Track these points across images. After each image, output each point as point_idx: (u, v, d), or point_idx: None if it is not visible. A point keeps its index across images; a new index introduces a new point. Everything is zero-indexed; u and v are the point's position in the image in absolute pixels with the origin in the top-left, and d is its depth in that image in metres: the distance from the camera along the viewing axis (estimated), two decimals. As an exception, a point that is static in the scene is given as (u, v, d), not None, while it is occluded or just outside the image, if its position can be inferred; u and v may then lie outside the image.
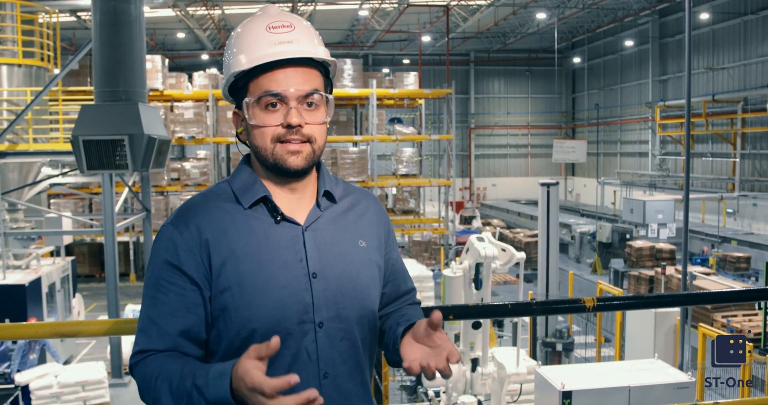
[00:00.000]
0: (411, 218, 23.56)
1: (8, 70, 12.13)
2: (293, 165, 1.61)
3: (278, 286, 1.57)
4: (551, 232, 10.58)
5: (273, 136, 1.60)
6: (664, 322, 9.00)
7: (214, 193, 1.67)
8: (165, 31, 31.38)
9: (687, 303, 8.20)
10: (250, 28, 1.64)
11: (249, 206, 1.63)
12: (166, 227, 1.62)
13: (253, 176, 1.67)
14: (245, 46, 1.62)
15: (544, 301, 2.64)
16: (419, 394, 8.99)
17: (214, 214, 1.62)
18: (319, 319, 1.61)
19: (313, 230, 1.66)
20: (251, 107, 1.61)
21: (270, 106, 1.60)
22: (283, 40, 1.60)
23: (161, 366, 1.52)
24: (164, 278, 1.58)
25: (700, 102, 26.44)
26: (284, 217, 1.64)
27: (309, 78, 1.62)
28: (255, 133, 1.62)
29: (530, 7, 29.19)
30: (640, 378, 4.65)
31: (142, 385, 1.53)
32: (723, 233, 21.39)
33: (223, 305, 1.57)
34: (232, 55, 1.63)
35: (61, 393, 8.72)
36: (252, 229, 1.61)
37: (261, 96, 1.59)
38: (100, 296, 16.24)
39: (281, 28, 1.61)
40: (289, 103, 1.60)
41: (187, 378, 1.45)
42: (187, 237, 1.59)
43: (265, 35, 1.61)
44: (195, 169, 21.08)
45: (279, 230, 1.63)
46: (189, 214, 1.62)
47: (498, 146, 42.53)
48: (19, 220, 12.57)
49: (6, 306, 10.73)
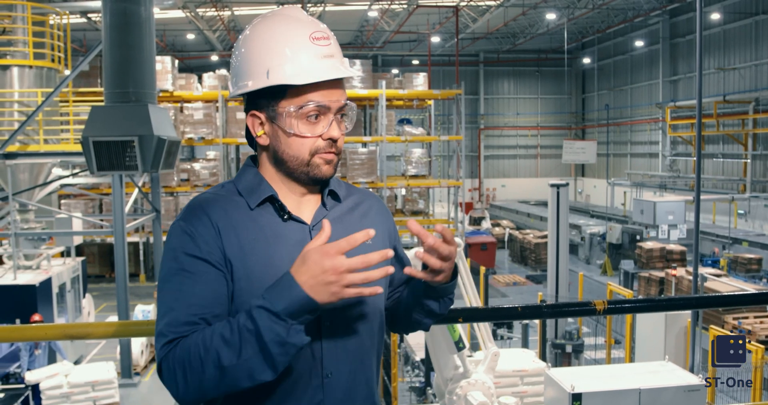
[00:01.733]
0: (420, 219, 23.52)
1: (19, 71, 12.19)
2: (327, 174, 1.64)
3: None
4: (561, 233, 10.54)
5: (312, 148, 1.61)
6: (674, 324, 8.95)
7: (221, 194, 1.66)
8: (175, 33, 31.48)
9: (699, 306, 8.16)
10: (291, 35, 1.59)
11: (256, 206, 1.63)
12: (178, 224, 1.61)
13: (258, 177, 1.67)
14: (290, 55, 1.58)
15: (554, 305, 2.63)
16: (428, 395, 8.98)
17: (223, 209, 1.61)
18: (325, 317, 1.60)
19: (320, 229, 1.65)
20: (290, 116, 1.59)
21: (312, 117, 1.59)
22: (327, 53, 1.59)
23: (199, 334, 1.47)
24: (185, 269, 1.54)
25: (711, 102, 26.31)
26: (291, 216, 1.64)
27: (343, 90, 1.63)
28: (291, 143, 1.61)
29: (540, 8, 29.13)
30: (651, 380, 4.61)
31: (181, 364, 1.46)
32: (734, 234, 21.26)
33: (235, 303, 1.56)
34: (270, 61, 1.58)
35: (71, 393, 8.75)
36: (260, 227, 1.61)
37: (303, 106, 1.58)
38: (110, 296, 16.30)
39: (323, 39, 1.60)
40: (329, 115, 1.60)
41: (240, 318, 1.44)
42: (201, 229, 1.57)
43: (311, 47, 1.58)
44: (204, 170, 21.14)
45: (286, 229, 1.63)
46: (199, 209, 1.61)
47: (507, 147, 42.46)
48: (29, 221, 12.62)
49: (17, 306, 10.78)
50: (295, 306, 1.41)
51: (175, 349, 1.48)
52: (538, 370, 6.71)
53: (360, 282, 1.43)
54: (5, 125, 12.18)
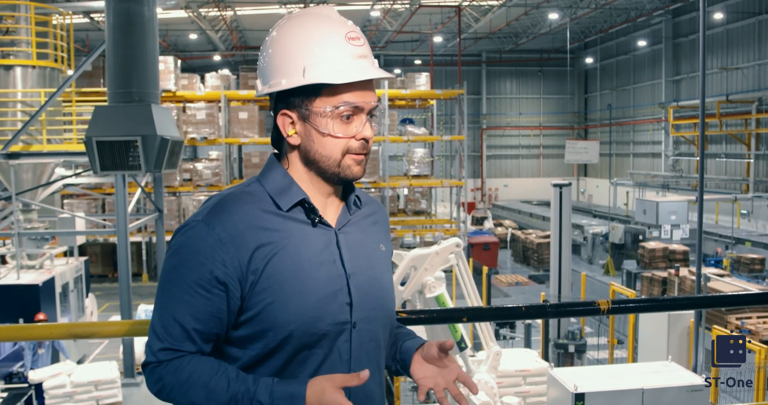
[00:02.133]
0: (422, 219, 23.55)
1: (22, 71, 12.19)
2: (358, 174, 1.64)
3: (316, 287, 1.57)
4: (563, 233, 10.53)
5: (345, 148, 1.61)
6: (677, 324, 8.93)
7: (248, 193, 1.63)
8: (177, 33, 31.51)
9: (703, 306, 8.15)
10: (329, 34, 1.58)
11: (288, 209, 1.62)
12: (198, 224, 1.57)
13: (288, 178, 1.65)
14: (327, 54, 1.57)
15: (558, 304, 2.63)
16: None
17: (251, 215, 1.58)
18: (354, 319, 1.62)
19: (345, 233, 1.68)
20: (325, 116, 1.58)
21: (345, 117, 1.59)
22: (361, 54, 1.59)
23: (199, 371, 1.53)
24: (191, 279, 1.53)
25: (714, 102, 26.28)
26: (321, 219, 1.64)
27: (374, 90, 1.63)
28: (325, 143, 1.60)
29: (542, 8, 29.12)
30: (654, 380, 4.62)
31: (172, 388, 1.54)
32: (737, 234, 21.24)
33: (262, 306, 1.55)
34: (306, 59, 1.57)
35: (74, 392, 8.75)
36: (290, 230, 1.60)
37: (339, 106, 1.57)
38: (113, 296, 16.35)
39: (357, 39, 1.59)
40: (363, 116, 1.61)
41: (239, 389, 1.50)
42: (225, 239, 1.54)
43: (347, 46, 1.58)
44: (207, 170, 21.15)
45: (315, 232, 1.63)
46: (225, 214, 1.57)
47: (510, 147, 42.44)
48: (32, 221, 12.63)
49: (20, 306, 10.79)
50: None
51: (169, 367, 1.55)
52: (540, 370, 6.72)
53: None
54: (8, 125, 12.19)
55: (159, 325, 1.55)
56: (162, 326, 1.55)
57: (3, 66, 12.14)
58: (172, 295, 1.55)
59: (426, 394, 1.75)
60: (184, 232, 1.57)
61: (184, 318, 1.54)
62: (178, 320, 1.54)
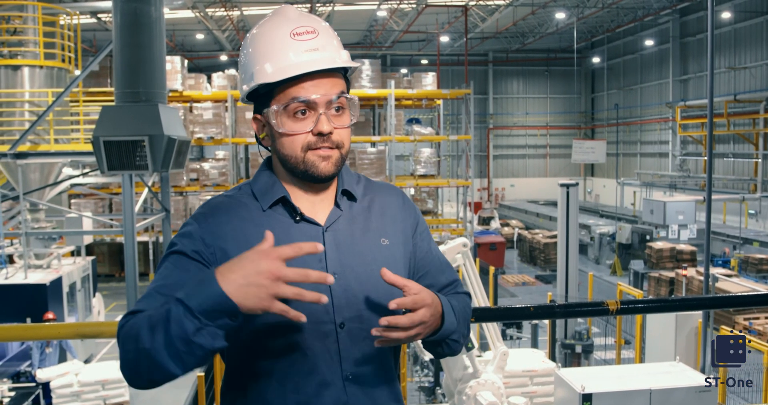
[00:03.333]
0: (429, 219, 23.51)
1: (30, 71, 12.23)
2: (324, 171, 1.61)
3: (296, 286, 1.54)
4: (570, 233, 10.50)
5: (303, 145, 1.59)
6: (685, 324, 8.90)
7: (236, 195, 1.68)
8: (184, 33, 31.57)
9: (711, 306, 8.12)
10: (273, 34, 1.60)
11: (268, 207, 1.63)
12: (188, 221, 1.64)
13: (272, 178, 1.67)
14: (270, 54, 1.58)
15: (566, 304, 2.62)
16: (437, 395, 8.97)
17: (234, 212, 1.62)
18: (340, 319, 1.59)
19: (334, 230, 1.65)
20: (278, 115, 1.59)
21: (299, 113, 1.58)
22: (309, 47, 1.58)
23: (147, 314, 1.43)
24: (175, 262, 1.57)
25: (722, 102, 26.16)
26: (303, 217, 1.63)
27: (335, 83, 1.60)
28: (283, 142, 1.61)
29: (549, 7, 29.04)
30: (662, 381, 4.59)
31: (126, 336, 1.42)
32: (745, 234, 21.17)
33: None
34: (255, 63, 1.60)
35: (81, 391, 8.77)
36: (271, 228, 1.56)
37: (288, 103, 1.57)
38: (120, 296, 16.38)
39: (305, 34, 1.58)
40: (318, 110, 1.58)
41: (164, 304, 1.39)
42: (206, 230, 1.59)
43: (290, 43, 1.58)
44: (214, 170, 21.18)
45: (298, 230, 1.62)
46: (210, 212, 1.63)
47: (517, 147, 42.38)
48: (40, 220, 12.68)
49: (27, 305, 10.83)
50: (210, 304, 1.33)
51: (131, 318, 1.45)
52: (547, 370, 6.70)
53: (291, 296, 1.35)
54: (16, 125, 12.23)
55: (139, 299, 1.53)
56: (142, 298, 1.53)
57: (11, 66, 12.18)
58: (157, 276, 1.57)
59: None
60: (177, 234, 1.63)
61: (164, 287, 1.52)
62: (158, 290, 1.52)
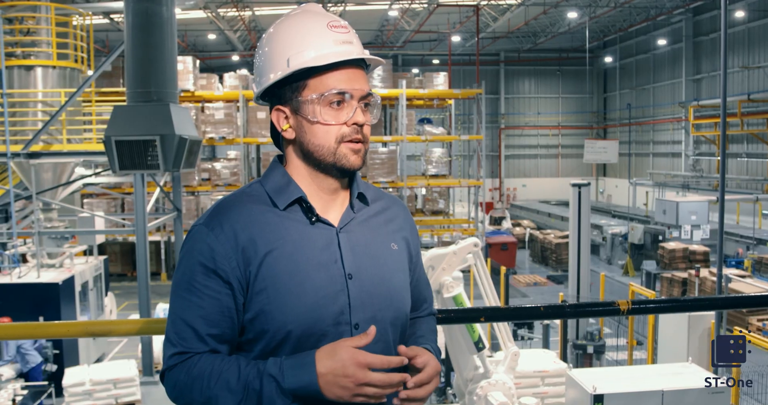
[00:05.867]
0: (440, 219, 23.49)
1: (43, 71, 12.30)
2: (355, 163, 1.62)
3: (314, 287, 1.56)
4: (582, 233, 10.45)
5: (338, 136, 1.60)
6: (698, 325, 8.84)
7: (247, 194, 1.65)
8: (196, 33, 31.68)
9: (724, 307, 8.05)
10: (310, 25, 1.61)
11: (284, 208, 1.62)
12: (200, 228, 1.59)
13: (286, 177, 1.65)
14: (309, 41, 1.59)
15: (577, 304, 2.60)
16: (448, 395, 8.95)
17: (248, 215, 1.60)
18: (355, 320, 1.60)
19: (347, 232, 1.65)
20: (313, 104, 1.59)
21: (335, 104, 1.59)
22: (345, 39, 1.61)
23: (210, 365, 1.51)
24: (198, 281, 1.55)
25: (736, 101, 25.97)
26: (319, 218, 1.63)
27: (366, 79, 1.64)
28: (316, 131, 1.60)
29: (561, 6, 28.94)
30: (674, 382, 4.56)
31: (186, 386, 1.52)
32: (758, 235, 21.02)
33: (259, 307, 1.55)
34: (289, 50, 1.59)
35: (93, 390, 8.81)
36: (287, 230, 1.59)
37: (326, 93, 1.58)
38: (132, 295, 16.43)
39: (340, 28, 1.62)
40: (353, 102, 1.60)
41: (250, 372, 1.48)
42: (222, 240, 1.56)
43: (329, 33, 1.60)
44: (225, 170, 21.24)
45: (314, 231, 1.61)
46: (223, 216, 1.59)
47: (528, 146, 42.26)
48: (53, 220, 12.74)
49: (40, 304, 10.89)
50: (303, 391, 1.47)
51: (184, 365, 1.53)
52: (559, 370, 6.67)
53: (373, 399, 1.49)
54: (29, 125, 12.30)
55: (171, 331, 1.57)
56: (174, 332, 1.56)
57: (24, 66, 12.25)
58: (183, 299, 1.57)
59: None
60: (188, 238, 1.61)
61: (195, 320, 1.55)
62: (189, 323, 1.55)
